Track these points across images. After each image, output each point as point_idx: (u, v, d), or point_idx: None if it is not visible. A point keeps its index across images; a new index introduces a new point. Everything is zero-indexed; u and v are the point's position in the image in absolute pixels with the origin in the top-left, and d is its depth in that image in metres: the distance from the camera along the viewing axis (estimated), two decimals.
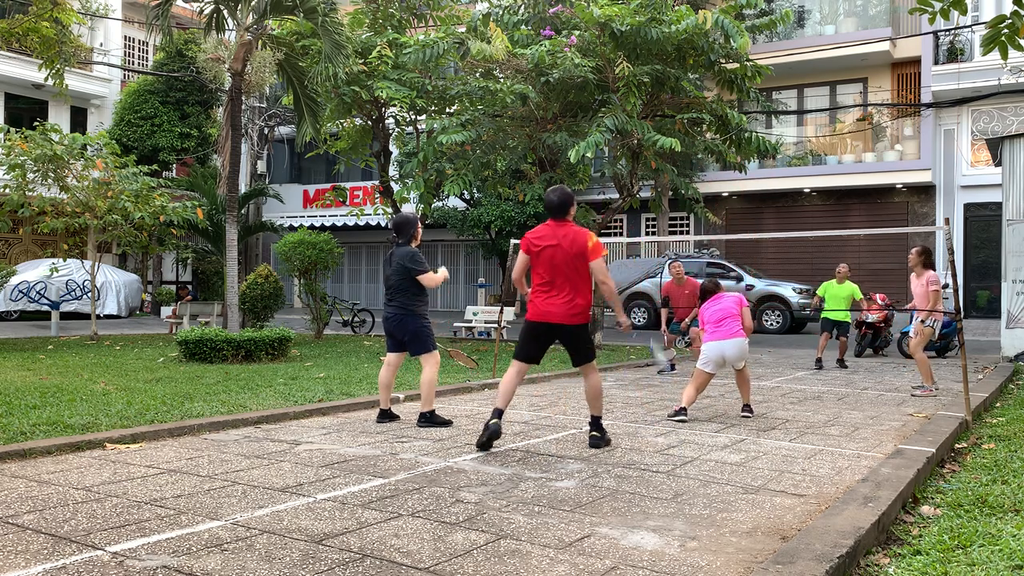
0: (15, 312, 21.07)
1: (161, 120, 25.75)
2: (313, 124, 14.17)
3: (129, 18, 27.53)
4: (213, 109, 27.37)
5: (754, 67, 13.53)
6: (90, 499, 4.33)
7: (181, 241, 24.82)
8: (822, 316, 12.53)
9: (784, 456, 5.66)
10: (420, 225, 6.87)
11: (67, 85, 13.88)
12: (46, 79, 13.96)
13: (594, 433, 5.85)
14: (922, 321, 8.92)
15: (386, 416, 6.87)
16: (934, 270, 9.15)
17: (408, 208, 20.56)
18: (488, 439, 5.61)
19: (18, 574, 3.23)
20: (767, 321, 19.12)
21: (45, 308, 20.40)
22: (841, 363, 12.14)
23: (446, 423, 6.69)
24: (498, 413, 5.71)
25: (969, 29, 20.45)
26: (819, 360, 12.02)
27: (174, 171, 27.54)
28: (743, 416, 7.36)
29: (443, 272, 6.75)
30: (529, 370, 6.05)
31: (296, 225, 24.97)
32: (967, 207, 21.09)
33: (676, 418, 7.03)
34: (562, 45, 12.39)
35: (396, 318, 6.62)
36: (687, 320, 10.83)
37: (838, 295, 12.15)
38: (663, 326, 11.01)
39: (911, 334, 9.22)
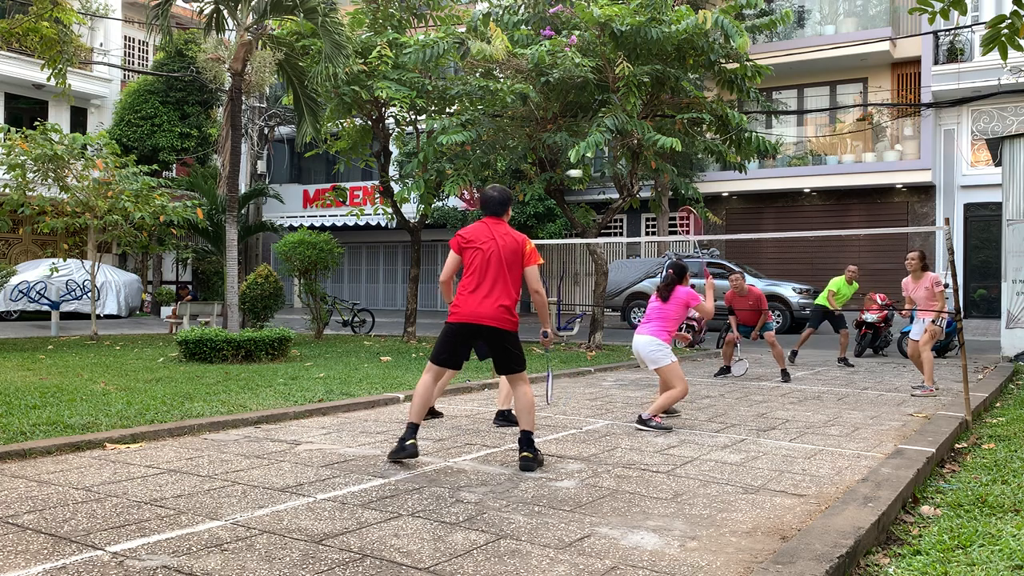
0: (15, 312, 21.07)
1: (161, 120, 25.75)
2: (313, 124, 14.17)
3: (129, 18, 27.53)
4: (213, 109, 27.36)
5: (754, 67, 13.54)
6: (90, 499, 4.33)
7: (181, 241, 24.82)
8: (815, 304, 12.63)
9: (784, 456, 5.66)
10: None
11: (70, 85, 13.88)
12: (49, 79, 13.96)
13: (525, 453, 5.17)
14: (933, 321, 8.95)
15: (503, 418, 6.73)
16: (932, 271, 9.21)
17: (408, 208, 20.56)
18: (398, 458, 5.17)
19: (18, 574, 3.23)
20: None
21: (45, 308, 20.40)
22: (844, 361, 12.12)
23: (437, 416, 6.84)
24: (413, 430, 5.20)
25: (969, 29, 20.45)
26: (795, 352, 12.17)
27: (174, 171, 27.54)
28: (635, 425, 6.73)
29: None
30: (456, 376, 5.84)
31: (296, 225, 24.97)
32: (967, 207, 21.09)
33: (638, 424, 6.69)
34: (562, 45, 12.39)
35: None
36: (755, 331, 10.63)
37: (847, 295, 12.23)
38: (735, 332, 10.87)
39: (917, 335, 9.21)
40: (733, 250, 23.34)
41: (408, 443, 5.15)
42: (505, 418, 6.71)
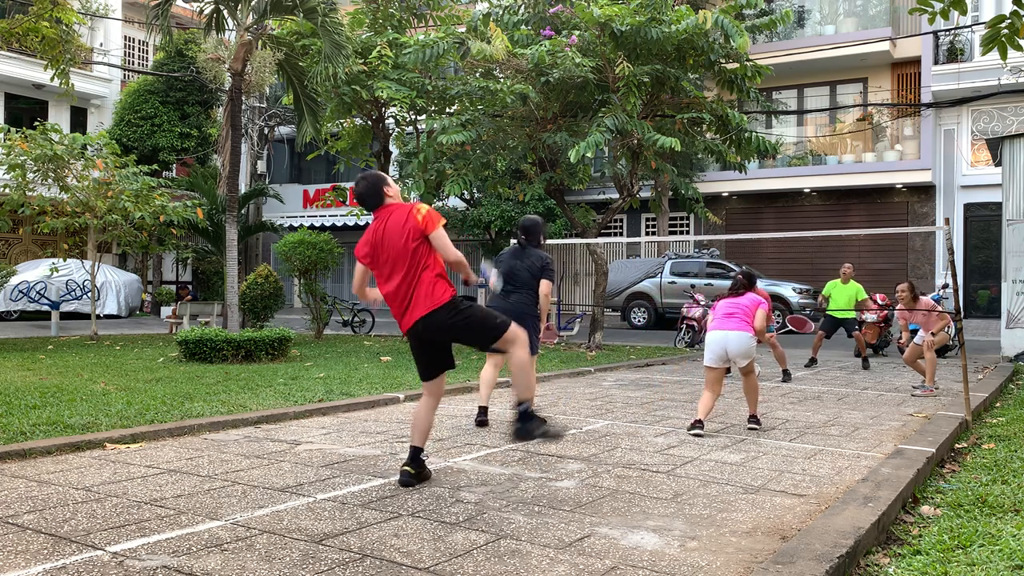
0: (15, 312, 21.07)
1: (161, 120, 25.75)
2: (313, 124, 14.18)
3: (129, 18, 27.53)
4: (213, 109, 27.36)
5: (754, 67, 13.54)
6: (90, 499, 4.33)
7: (181, 241, 24.82)
8: (827, 313, 12.53)
9: (784, 456, 5.67)
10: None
11: (73, 84, 13.89)
12: (52, 79, 13.97)
13: (518, 425, 4.67)
14: (933, 334, 9.01)
15: (484, 414, 6.72)
16: (923, 295, 9.38)
17: None
18: (406, 483, 4.65)
19: (18, 574, 3.23)
20: None
21: (45, 308, 20.40)
22: (865, 362, 11.96)
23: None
24: (416, 453, 4.71)
25: (969, 29, 20.45)
26: (814, 359, 12.05)
27: (174, 171, 27.54)
28: (750, 428, 6.83)
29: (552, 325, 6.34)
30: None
31: (296, 225, 24.97)
32: (967, 207, 21.09)
33: (692, 431, 6.50)
34: (562, 45, 12.40)
35: (516, 313, 6.21)
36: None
37: (843, 295, 12.16)
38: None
39: (920, 340, 9.23)
40: (733, 250, 23.34)
41: (405, 468, 4.69)
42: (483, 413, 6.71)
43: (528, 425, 4.66)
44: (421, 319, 4.56)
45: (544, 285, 6.54)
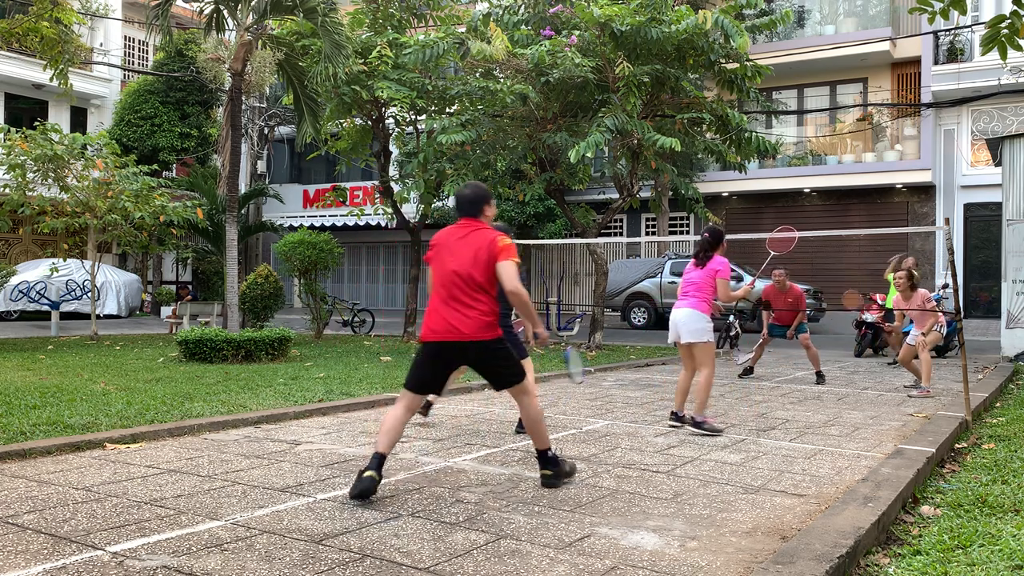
0: (15, 312, 21.07)
1: (161, 120, 25.75)
2: (313, 124, 14.18)
3: (129, 18, 27.53)
4: (213, 109, 27.36)
5: (754, 67, 13.54)
6: (90, 499, 4.33)
7: (181, 241, 24.82)
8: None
9: (784, 456, 5.66)
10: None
11: (72, 84, 13.89)
12: (51, 79, 13.97)
13: (545, 472, 4.72)
14: (923, 334, 8.99)
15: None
16: (923, 289, 9.38)
17: (408, 208, 20.55)
18: (360, 494, 4.31)
19: (18, 574, 3.23)
20: None
21: (45, 308, 20.40)
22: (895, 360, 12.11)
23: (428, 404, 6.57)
24: (379, 460, 4.42)
25: (969, 29, 20.45)
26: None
27: (174, 171, 27.54)
28: (671, 425, 6.61)
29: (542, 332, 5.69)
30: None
31: (296, 225, 24.97)
32: (967, 207, 21.09)
33: (671, 423, 6.67)
34: (562, 45, 12.40)
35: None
36: (791, 330, 10.49)
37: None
38: (766, 329, 10.78)
39: (914, 340, 9.23)
40: (733, 250, 23.31)
41: (365, 474, 4.37)
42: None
43: (556, 471, 4.74)
44: (457, 343, 4.53)
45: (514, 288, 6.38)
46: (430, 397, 6.42)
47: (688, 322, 6.51)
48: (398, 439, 4.60)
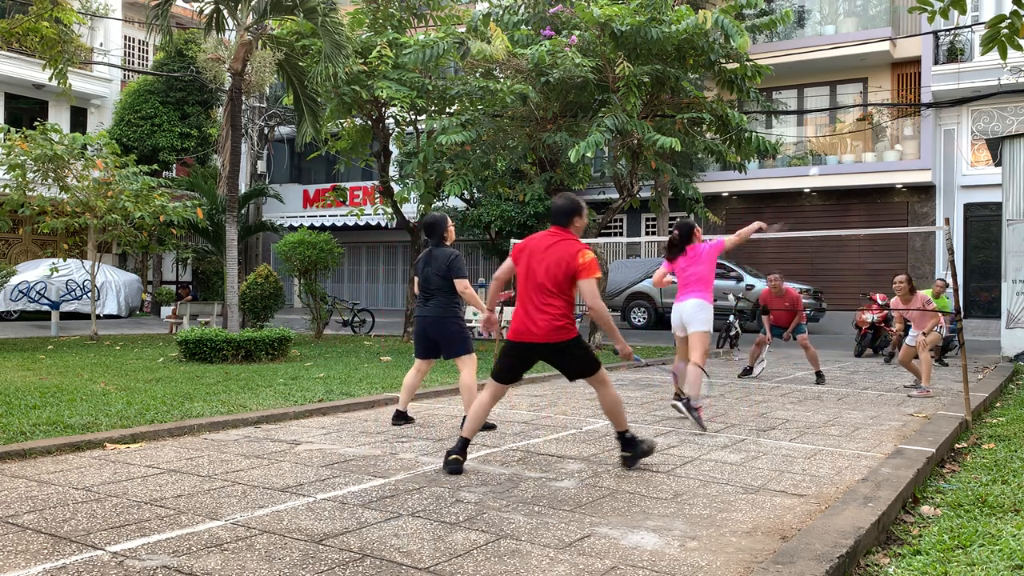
0: (15, 312, 21.07)
1: (161, 120, 25.75)
2: (313, 124, 14.18)
3: (129, 18, 27.53)
4: (213, 109, 27.36)
5: (754, 67, 13.53)
6: (90, 499, 4.33)
7: (181, 241, 24.82)
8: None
9: (784, 456, 5.66)
10: (451, 224, 6.71)
11: (71, 84, 13.88)
12: (50, 79, 13.98)
13: (624, 453, 5.21)
14: (924, 334, 9.00)
15: (402, 418, 6.77)
16: (921, 292, 9.41)
17: (408, 208, 20.56)
18: (450, 472, 4.98)
19: (18, 574, 3.23)
20: None
21: (45, 308, 20.40)
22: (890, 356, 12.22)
23: (491, 427, 6.56)
24: (463, 444, 5.04)
25: (969, 29, 20.45)
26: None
27: (174, 171, 27.54)
28: (672, 405, 7.04)
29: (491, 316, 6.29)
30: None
31: (296, 225, 24.97)
32: (967, 207, 21.09)
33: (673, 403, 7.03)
34: (562, 45, 12.39)
35: (434, 320, 6.44)
36: (787, 332, 10.49)
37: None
38: (768, 333, 10.75)
39: (912, 341, 9.24)
40: (733, 250, 23.32)
41: (451, 457, 5.00)
42: (401, 417, 6.75)
43: (634, 452, 5.23)
44: (530, 344, 4.99)
45: (457, 284, 6.41)
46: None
47: (696, 312, 6.72)
48: (482, 425, 5.22)
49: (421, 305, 6.58)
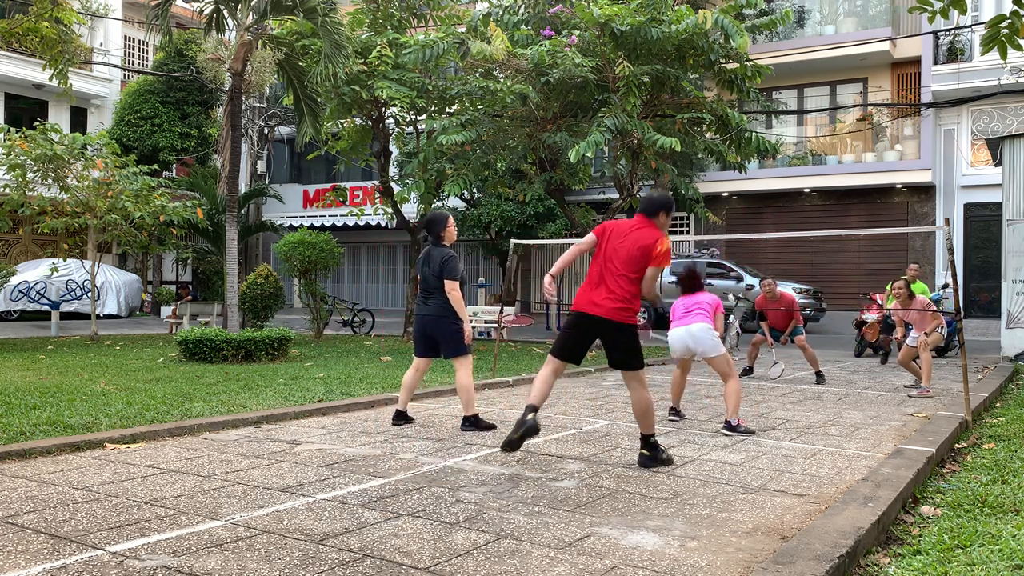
0: (15, 312, 21.07)
1: (161, 120, 25.75)
2: (313, 124, 14.17)
3: (129, 18, 27.53)
4: (213, 109, 27.36)
5: (754, 67, 13.53)
6: (90, 499, 4.33)
7: (181, 241, 24.82)
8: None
9: (784, 456, 5.66)
10: (452, 223, 6.70)
11: (71, 84, 13.88)
12: (50, 79, 13.97)
13: (644, 451, 5.29)
14: (926, 334, 9.00)
15: (402, 418, 6.78)
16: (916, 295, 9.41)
17: (408, 208, 20.57)
18: (522, 436, 5.10)
19: (18, 574, 3.23)
20: None
21: (45, 308, 20.40)
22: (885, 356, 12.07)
23: (490, 427, 6.56)
24: (532, 409, 5.20)
25: (969, 29, 20.45)
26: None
27: (174, 171, 27.54)
28: (669, 420, 7.10)
29: (467, 328, 6.54)
30: (564, 369, 5.60)
31: (296, 225, 24.97)
32: (967, 207, 21.09)
33: (670, 418, 7.12)
34: (562, 45, 12.39)
35: (433, 318, 6.47)
36: (785, 335, 10.49)
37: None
38: (767, 337, 10.74)
39: (913, 341, 9.23)
40: (733, 250, 23.33)
41: (528, 416, 5.10)
42: (401, 417, 6.74)
43: (653, 455, 5.28)
44: (598, 319, 5.15)
45: (446, 284, 6.42)
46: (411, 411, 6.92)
47: (704, 337, 6.69)
48: (547, 395, 5.38)
49: (421, 304, 6.61)
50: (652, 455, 5.24)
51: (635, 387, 5.23)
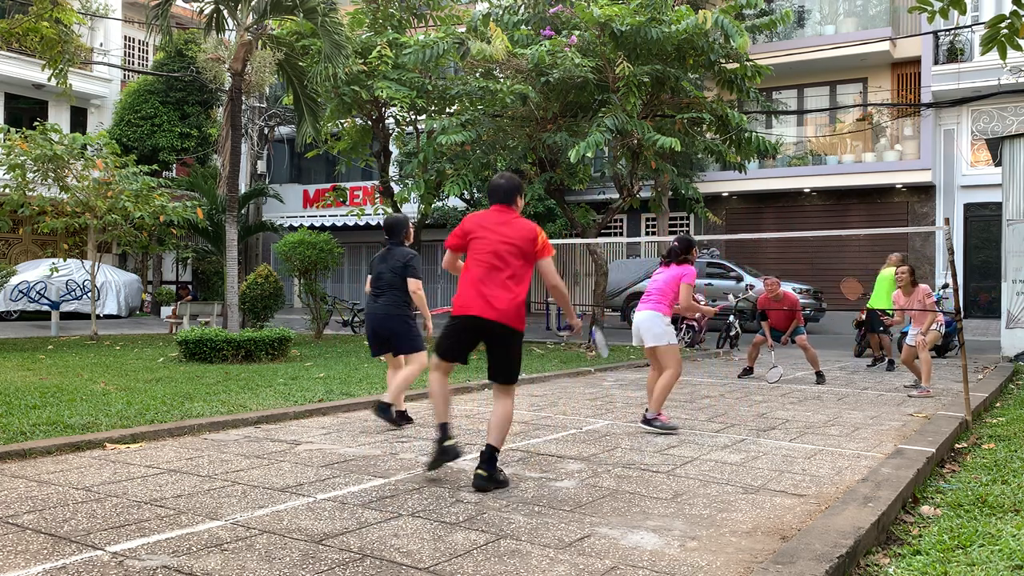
0: (15, 312, 21.06)
1: (161, 120, 25.75)
2: (313, 124, 14.18)
3: (129, 18, 27.52)
4: (213, 109, 27.36)
5: (754, 67, 13.54)
6: (90, 499, 4.33)
7: (181, 241, 24.82)
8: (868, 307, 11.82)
9: (784, 456, 5.66)
10: (411, 226, 6.74)
11: (71, 84, 13.88)
12: (50, 79, 13.98)
13: (479, 471, 4.63)
14: (923, 333, 8.97)
15: (402, 417, 6.78)
16: (923, 284, 9.32)
17: (409, 208, 20.56)
18: (438, 459, 4.80)
19: (18, 574, 3.23)
20: None
21: (45, 308, 20.40)
22: (891, 364, 11.54)
23: (400, 423, 6.60)
24: (443, 428, 4.83)
25: (969, 29, 20.45)
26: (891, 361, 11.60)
27: (174, 171, 27.54)
28: (640, 424, 6.61)
29: (429, 326, 6.56)
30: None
31: (296, 225, 24.97)
32: (967, 207, 21.09)
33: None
34: (562, 45, 12.40)
35: (383, 316, 6.50)
36: (786, 335, 10.46)
37: (882, 285, 11.50)
38: (767, 337, 10.68)
39: (913, 340, 9.22)
40: (733, 250, 23.33)
41: (446, 443, 4.79)
42: (402, 416, 6.66)
43: (491, 474, 4.67)
44: (490, 321, 4.69)
45: (410, 283, 6.43)
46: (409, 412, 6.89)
47: (650, 326, 6.56)
48: (450, 404, 4.99)
49: (371, 302, 6.64)
50: (489, 474, 4.63)
51: (504, 400, 4.81)
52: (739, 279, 19.48)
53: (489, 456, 4.66)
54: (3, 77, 23.81)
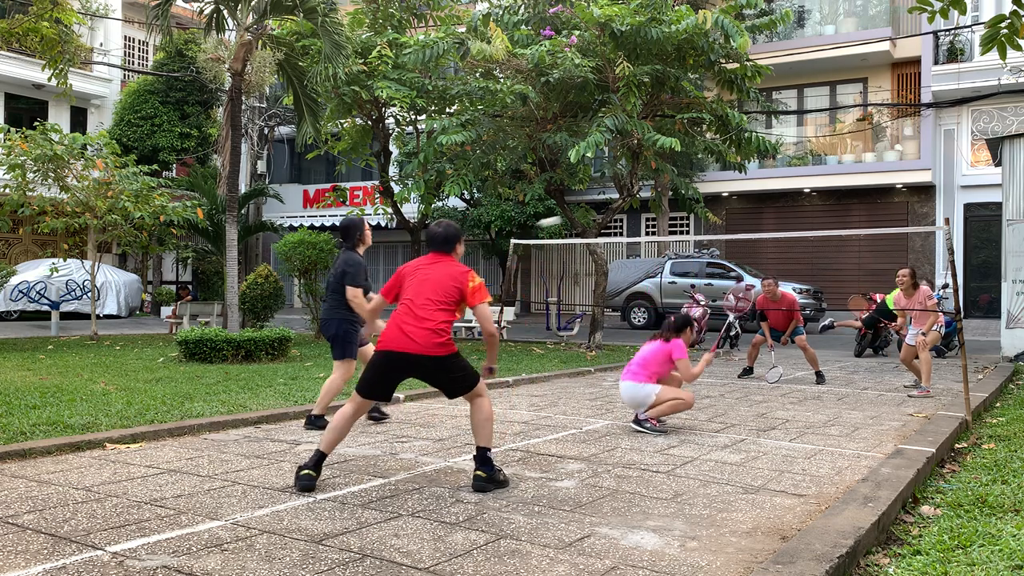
0: (15, 312, 21.06)
1: (161, 120, 25.75)
2: (313, 124, 14.18)
3: (129, 18, 27.52)
4: (213, 109, 27.36)
5: (754, 67, 13.54)
6: (90, 499, 4.33)
7: (181, 241, 24.82)
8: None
9: (784, 456, 5.66)
10: (368, 229, 6.65)
11: (71, 85, 13.88)
12: (49, 79, 13.98)
13: (479, 472, 4.65)
14: (923, 334, 8.96)
15: (378, 413, 6.90)
16: (924, 285, 9.31)
17: (409, 208, 20.57)
18: (301, 490, 4.55)
19: (18, 574, 3.23)
20: None
21: (45, 308, 20.40)
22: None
23: (382, 416, 6.81)
24: (319, 459, 4.62)
25: (969, 29, 20.45)
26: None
27: (174, 171, 27.53)
28: (631, 424, 6.69)
29: (379, 324, 6.49)
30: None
31: (296, 225, 24.97)
32: (967, 207, 21.09)
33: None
34: (562, 45, 12.40)
35: (324, 320, 6.50)
36: (786, 335, 10.45)
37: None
38: (767, 337, 10.66)
39: (913, 341, 9.21)
40: (733, 250, 23.33)
41: (303, 472, 4.56)
42: (313, 424, 6.53)
43: (490, 475, 4.68)
44: (412, 355, 4.58)
45: (348, 291, 6.31)
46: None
47: (633, 394, 6.65)
48: (341, 440, 4.78)
49: (323, 305, 6.72)
50: (488, 474, 4.64)
51: (477, 401, 4.77)
52: (739, 279, 19.48)
53: (482, 457, 4.67)
54: (3, 77, 23.81)
